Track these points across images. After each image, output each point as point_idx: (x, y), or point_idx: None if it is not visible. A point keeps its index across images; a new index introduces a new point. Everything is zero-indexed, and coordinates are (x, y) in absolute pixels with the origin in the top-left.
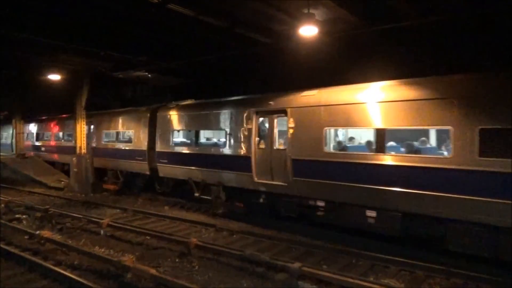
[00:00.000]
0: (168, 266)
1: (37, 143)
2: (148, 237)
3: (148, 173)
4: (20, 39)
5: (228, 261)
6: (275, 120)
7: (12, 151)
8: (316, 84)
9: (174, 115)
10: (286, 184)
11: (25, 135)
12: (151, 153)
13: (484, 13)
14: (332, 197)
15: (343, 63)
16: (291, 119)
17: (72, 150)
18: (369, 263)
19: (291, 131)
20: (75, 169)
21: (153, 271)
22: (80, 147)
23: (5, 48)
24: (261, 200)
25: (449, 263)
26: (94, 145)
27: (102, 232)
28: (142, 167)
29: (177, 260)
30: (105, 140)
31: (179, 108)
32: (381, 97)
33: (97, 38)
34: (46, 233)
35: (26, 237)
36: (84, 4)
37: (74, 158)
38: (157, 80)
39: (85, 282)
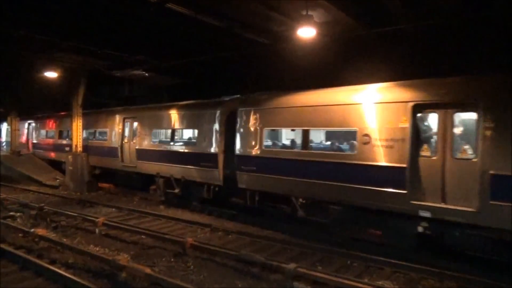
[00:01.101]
0: (163, 265)
1: (52, 142)
2: (143, 236)
3: (219, 183)
4: (16, 36)
5: (224, 261)
6: (453, 117)
7: (27, 149)
8: (314, 84)
9: (266, 110)
10: (474, 210)
11: (33, 133)
12: (225, 157)
13: (480, 16)
14: None
15: (341, 64)
16: (488, 116)
17: (107, 150)
18: (363, 264)
19: (488, 133)
20: (71, 167)
21: (148, 270)
22: (76, 145)
23: (1, 45)
24: (420, 230)
25: (443, 266)
26: (138, 146)
27: (97, 230)
28: (210, 175)
29: (172, 259)
30: (155, 141)
31: (274, 100)
32: None
33: (95, 36)
34: (40, 231)
35: (20, 235)
36: (82, 1)
37: (69, 156)
38: (154, 79)
39: (79, 280)
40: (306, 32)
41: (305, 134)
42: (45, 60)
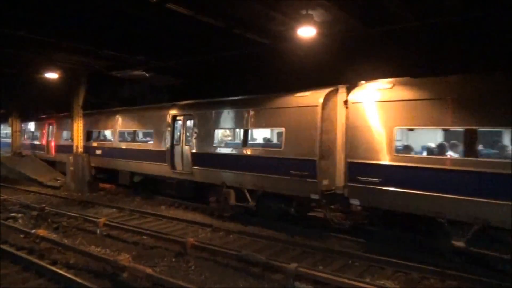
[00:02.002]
0: (164, 265)
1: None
2: (144, 237)
3: (316, 196)
4: (16, 37)
5: (225, 261)
6: None
7: (47, 153)
8: (314, 84)
9: (400, 103)
10: None
11: (56, 134)
12: (325, 165)
13: (480, 16)
14: None
15: (341, 64)
16: None
17: (151, 155)
18: (365, 264)
19: None
20: (72, 168)
21: (149, 270)
22: (77, 146)
23: (2, 46)
24: None
25: (444, 265)
26: (194, 149)
27: (98, 231)
28: (304, 186)
29: (173, 259)
30: (217, 143)
31: (413, 90)
32: None
33: (95, 37)
34: (42, 232)
35: (21, 235)
36: (82, 2)
37: (70, 157)
38: (155, 80)
39: (80, 281)
40: (306, 32)
41: (470, 136)
42: (45, 60)
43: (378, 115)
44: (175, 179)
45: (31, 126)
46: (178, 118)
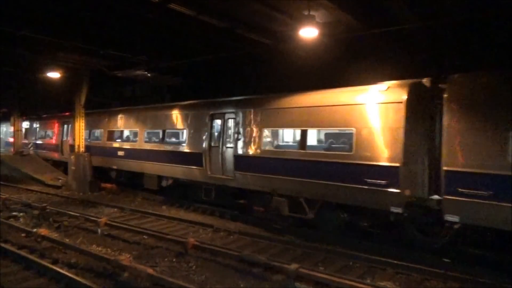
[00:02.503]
0: (165, 265)
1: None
2: (145, 237)
3: (398, 210)
4: (18, 37)
5: (226, 262)
6: None
7: (61, 153)
8: (316, 85)
9: None
10: None
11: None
12: (409, 171)
13: (482, 17)
14: None
15: (342, 65)
16: None
17: (184, 157)
18: (366, 265)
19: None
20: (73, 167)
21: (150, 270)
22: (79, 146)
23: (4, 46)
24: None
25: (445, 267)
26: (237, 152)
27: (99, 230)
28: (380, 197)
29: (174, 260)
30: (267, 144)
31: None
32: None
33: (97, 37)
34: (43, 231)
35: (23, 234)
36: (85, 1)
37: (72, 156)
38: (157, 80)
39: (81, 280)
40: (308, 32)
41: None
42: (47, 60)
43: (490, 115)
44: (213, 185)
45: (41, 125)
46: (216, 117)
